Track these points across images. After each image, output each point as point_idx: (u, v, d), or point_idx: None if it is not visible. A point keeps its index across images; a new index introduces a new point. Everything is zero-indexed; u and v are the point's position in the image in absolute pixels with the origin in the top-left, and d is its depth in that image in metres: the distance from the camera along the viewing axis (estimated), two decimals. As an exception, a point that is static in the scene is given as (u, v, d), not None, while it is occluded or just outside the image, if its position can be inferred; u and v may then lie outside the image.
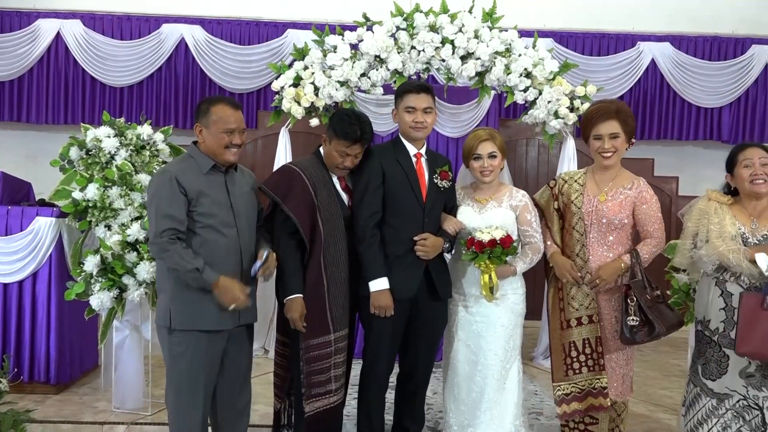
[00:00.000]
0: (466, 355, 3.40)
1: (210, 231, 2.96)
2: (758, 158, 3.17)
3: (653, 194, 3.38)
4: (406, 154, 3.36)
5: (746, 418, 3.14)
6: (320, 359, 3.17)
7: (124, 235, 4.14)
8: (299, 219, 3.13)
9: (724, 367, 3.19)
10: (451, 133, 6.46)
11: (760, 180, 3.15)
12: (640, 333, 3.22)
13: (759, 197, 3.19)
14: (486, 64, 5.30)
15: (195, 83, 7.64)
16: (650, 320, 3.20)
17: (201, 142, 3.06)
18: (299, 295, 3.15)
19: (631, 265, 3.29)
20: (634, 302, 3.22)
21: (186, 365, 2.96)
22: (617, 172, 3.44)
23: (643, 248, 3.32)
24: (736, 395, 3.16)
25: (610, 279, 3.30)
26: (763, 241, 3.12)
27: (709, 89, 7.77)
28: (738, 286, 3.14)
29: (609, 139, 3.34)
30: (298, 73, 5.34)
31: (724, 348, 3.18)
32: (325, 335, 3.17)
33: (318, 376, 3.18)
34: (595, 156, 3.41)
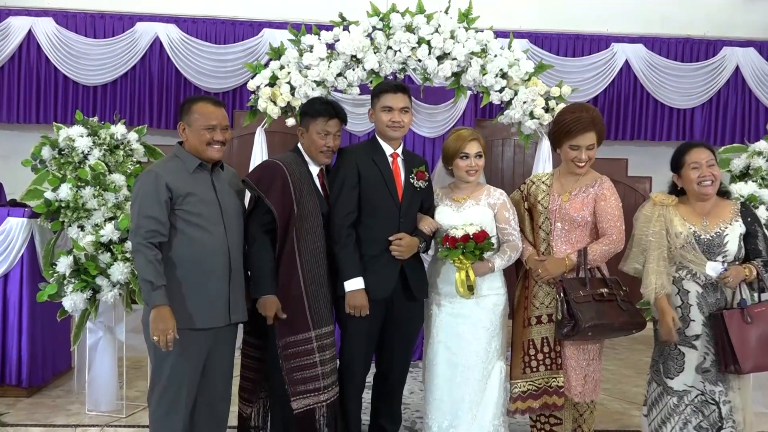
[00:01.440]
0: (446, 357, 3.40)
1: (197, 229, 2.96)
2: (705, 160, 3.23)
3: (614, 193, 3.39)
4: (382, 154, 3.37)
5: (705, 413, 3.21)
6: (299, 356, 3.16)
7: (98, 236, 4.10)
8: (280, 214, 3.13)
9: (681, 364, 3.25)
10: (428, 133, 6.47)
11: (708, 181, 3.23)
12: (566, 328, 3.21)
13: (706, 198, 3.27)
14: (462, 64, 5.32)
15: (170, 82, 7.56)
16: (575, 316, 3.18)
17: (185, 141, 3.09)
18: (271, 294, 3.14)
19: (576, 262, 3.31)
20: (561, 297, 3.23)
21: (171, 364, 2.95)
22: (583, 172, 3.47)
23: (593, 247, 3.32)
24: (695, 391, 3.22)
25: (553, 273, 3.32)
26: (715, 238, 3.20)
27: (682, 90, 7.87)
28: (695, 283, 3.22)
29: (586, 150, 3.36)
30: (274, 72, 5.31)
31: (679, 346, 3.25)
32: (304, 332, 3.16)
33: (300, 372, 3.17)
34: (568, 164, 3.43)
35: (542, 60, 6.08)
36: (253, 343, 3.43)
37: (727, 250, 3.20)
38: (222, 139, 3.06)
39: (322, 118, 3.29)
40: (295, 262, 3.16)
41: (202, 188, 3.03)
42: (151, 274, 2.84)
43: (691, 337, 3.23)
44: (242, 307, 3.14)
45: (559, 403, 3.34)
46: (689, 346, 3.23)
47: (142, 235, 2.88)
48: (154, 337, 2.85)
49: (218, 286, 3.01)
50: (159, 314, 2.84)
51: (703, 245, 3.21)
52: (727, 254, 3.20)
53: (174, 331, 2.85)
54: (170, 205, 2.93)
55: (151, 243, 2.88)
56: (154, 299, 2.85)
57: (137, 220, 2.92)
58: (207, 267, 2.96)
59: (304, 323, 3.17)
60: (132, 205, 3.01)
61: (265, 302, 3.14)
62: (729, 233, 3.21)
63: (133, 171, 4.68)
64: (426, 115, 6.41)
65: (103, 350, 4.34)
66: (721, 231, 3.22)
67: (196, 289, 2.96)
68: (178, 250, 2.95)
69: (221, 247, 3.01)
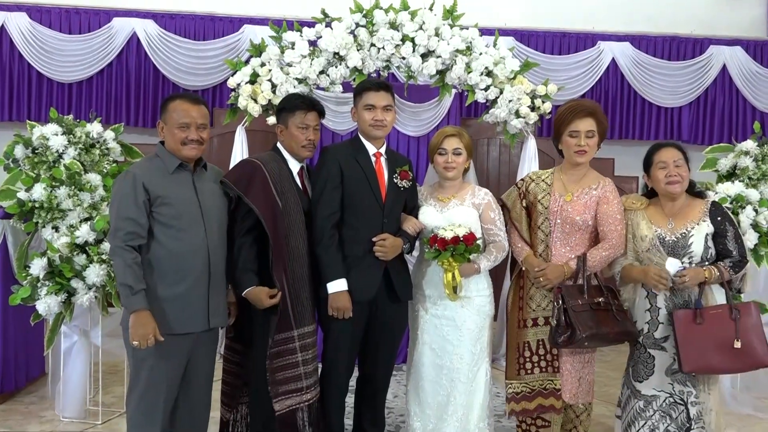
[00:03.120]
0: (431, 359, 3.42)
1: (175, 231, 2.95)
2: (672, 160, 3.27)
3: (617, 196, 3.41)
4: (365, 153, 3.37)
5: (672, 415, 3.24)
6: (281, 355, 3.16)
7: (73, 237, 4.07)
8: (264, 211, 3.13)
9: (651, 368, 3.28)
10: (412, 132, 6.48)
11: (674, 181, 3.26)
12: (562, 337, 3.22)
13: (674, 198, 3.31)
14: (447, 62, 5.34)
15: (147, 79, 7.52)
16: (572, 324, 3.19)
17: (164, 140, 3.08)
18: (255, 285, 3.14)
19: (576, 269, 3.33)
20: (559, 305, 3.25)
21: (150, 369, 2.93)
22: (585, 172, 3.48)
23: (593, 252, 3.33)
24: (663, 395, 3.25)
25: (553, 280, 3.33)
26: (680, 239, 3.23)
27: (669, 89, 7.94)
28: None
29: (585, 136, 3.38)
30: (255, 69, 5.31)
31: (649, 349, 3.29)
32: (286, 331, 3.16)
33: (282, 372, 3.16)
34: (569, 153, 3.44)
35: (528, 58, 6.11)
36: (236, 349, 3.43)
37: (692, 251, 3.22)
38: (197, 137, 3.04)
39: (300, 112, 3.31)
40: (281, 259, 3.15)
41: (182, 189, 3.02)
42: (130, 277, 2.83)
43: (659, 339, 3.26)
44: (222, 311, 3.13)
45: (557, 405, 3.35)
46: (659, 348, 3.27)
47: (121, 237, 2.87)
48: (134, 342, 2.84)
49: (197, 289, 2.99)
50: (139, 319, 2.83)
51: (667, 247, 3.24)
52: (693, 255, 3.23)
53: (155, 335, 2.84)
54: (148, 206, 2.92)
55: (130, 245, 2.87)
56: (133, 304, 2.83)
57: (115, 222, 2.91)
58: (185, 270, 2.95)
59: (286, 322, 3.16)
60: (110, 208, 3.00)
61: (251, 293, 3.13)
62: (694, 234, 3.24)
63: (109, 170, 4.65)
64: (410, 114, 6.43)
65: (77, 355, 4.31)
66: (686, 232, 3.25)
67: (174, 292, 2.95)
68: (156, 253, 2.94)
69: (200, 249, 3.00)
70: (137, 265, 2.86)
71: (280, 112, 3.40)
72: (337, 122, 6.26)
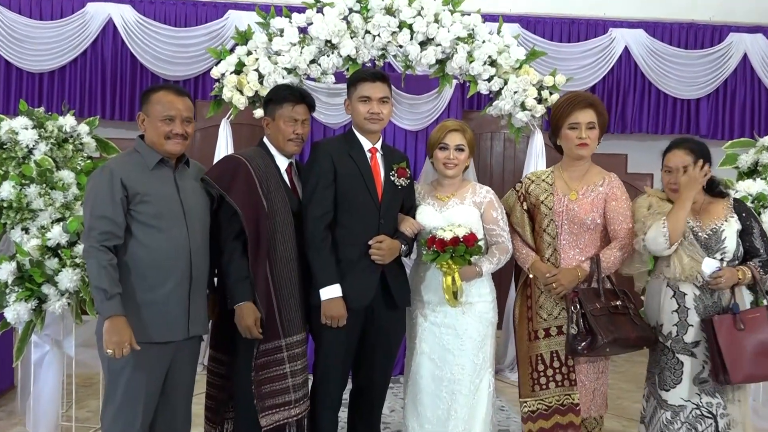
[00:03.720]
0: (430, 370, 3.42)
1: (154, 231, 2.95)
2: (682, 166, 3.29)
3: (625, 191, 3.44)
4: (359, 149, 3.37)
5: (699, 429, 3.24)
6: (268, 367, 3.16)
7: (44, 239, 4.06)
8: (244, 212, 3.13)
9: (679, 375, 3.28)
10: (410, 126, 6.49)
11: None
12: (582, 344, 3.22)
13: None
14: (447, 50, 5.34)
15: (124, 69, 7.52)
16: (593, 330, 3.20)
17: (144, 134, 3.09)
18: (249, 301, 3.14)
19: (590, 272, 3.34)
20: (577, 310, 3.25)
21: (126, 381, 2.93)
22: (587, 168, 3.50)
23: (606, 253, 3.35)
24: (690, 405, 3.26)
25: (567, 286, 3.34)
26: (712, 235, 3.26)
27: (686, 79, 7.96)
28: (691, 285, 3.26)
29: (586, 128, 3.39)
30: (241, 58, 5.31)
31: (677, 354, 3.28)
32: (273, 340, 3.16)
33: (269, 385, 3.16)
34: (569, 147, 3.45)
35: (534, 46, 6.12)
36: (219, 359, 3.42)
37: (726, 247, 3.26)
38: (182, 132, 3.05)
39: (289, 104, 3.32)
40: (265, 264, 3.15)
41: (162, 186, 3.02)
42: (105, 280, 2.82)
43: (689, 344, 3.27)
44: (203, 319, 3.13)
45: (576, 422, 3.36)
46: (688, 353, 3.27)
47: (95, 237, 2.86)
48: (108, 350, 2.83)
49: (177, 294, 2.99)
50: (113, 325, 2.82)
51: (701, 243, 3.26)
52: (726, 252, 3.26)
53: (131, 343, 2.83)
54: (126, 204, 2.92)
55: (105, 246, 2.86)
56: (108, 309, 2.82)
57: (89, 221, 2.90)
58: (165, 273, 2.95)
59: (273, 331, 3.16)
60: (84, 205, 3.00)
61: (241, 310, 3.13)
62: (726, 229, 3.28)
63: (83, 167, 4.65)
64: (407, 107, 6.43)
65: (49, 366, 4.29)
66: (717, 227, 3.28)
67: (152, 297, 2.94)
68: (133, 254, 2.93)
69: (182, 251, 3.00)
70: (113, 267, 2.85)
71: (268, 104, 3.42)
72: (329, 115, 6.27)
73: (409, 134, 6.52)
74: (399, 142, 6.40)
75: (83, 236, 2.96)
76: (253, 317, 3.12)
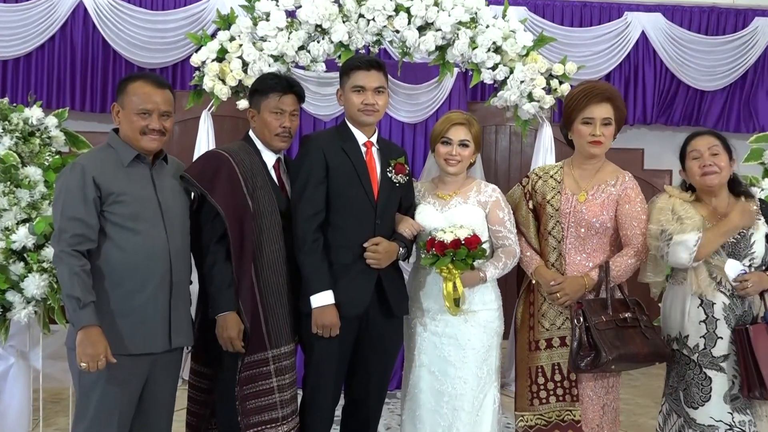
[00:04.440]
0: (430, 384, 3.43)
1: (131, 234, 2.96)
2: (707, 147, 3.30)
3: (639, 192, 3.43)
4: (353, 143, 3.38)
5: None
6: (254, 381, 3.16)
7: (8, 242, 4.06)
8: (227, 213, 3.14)
9: (707, 392, 3.28)
10: (407, 118, 6.49)
11: (710, 171, 3.29)
12: (585, 360, 3.22)
13: (711, 191, 3.33)
14: (447, 36, 5.35)
15: (96, 56, 7.50)
16: (596, 346, 3.20)
17: (119, 127, 3.09)
18: (232, 310, 3.14)
19: (598, 281, 3.34)
20: (580, 323, 3.25)
21: (99, 396, 2.93)
22: (600, 165, 3.50)
23: (617, 260, 3.36)
24: (723, 426, 3.25)
25: (573, 296, 3.34)
26: (741, 239, 3.27)
27: (707, 68, 7.96)
28: (720, 293, 3.26)
29: (601, 125, 3.39)
30: (223, 45, 5.30)
31: (705, 369, 3.28)
32: (259, 352, 3.17)
33: (254, 401, 3.17)
34: (581, 144, 3.46)
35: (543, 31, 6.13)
36: (201, 372, 3.43)
37: (755, 251, 3.28)
38: (159, 127, 3.05)
39: (275, 94, 3.32)
40: (250, 269, 3.16)
41: (138, 184, 3.03)
42: (78, 288, 2.82)
43: (718, 358, 3.27)
44: (186, 328, 3.13)
45: None
46: (716, 368, 3.27)
47: (66, 240, 2.86)
48: (81, 364, 2.83)
49: (156, 302, 2.99)
50: (88, 336, 2.82)
51: (727, 248, 3.28)
52: (755, 256, 3.28)
53: (107, 355, 2.83)
54: (99, 204, 2.92)
55: (77, 250, 2.86)
56: (81, 318, 2.83)
57: (60, 223, 2.91)
58: (142, 279, 2.95)
59: (259, 342, 3.17)
60: (54, 206, 3.00)
61: (224, 320, 3.13)
62: (754, 233, 3.29)
63: (51, 163, 4.64)
64: (405, 97, 6.43)
65: (14, 380, 4.29)
66: (745, 231, 3.29)
67: (129, 305, 2.95)
68: (108, 259, 2.94)
69: (161, 255, 3.00)
70: (86, 273, 2.85)
71: (253, 95, 3.43)
72: (319, 106, 6.26)
73: (406, 127, 6.51)
74: (396, 136, 6.40)
75: (53, 240, 2.96)
76: (237, 329, 3.13)
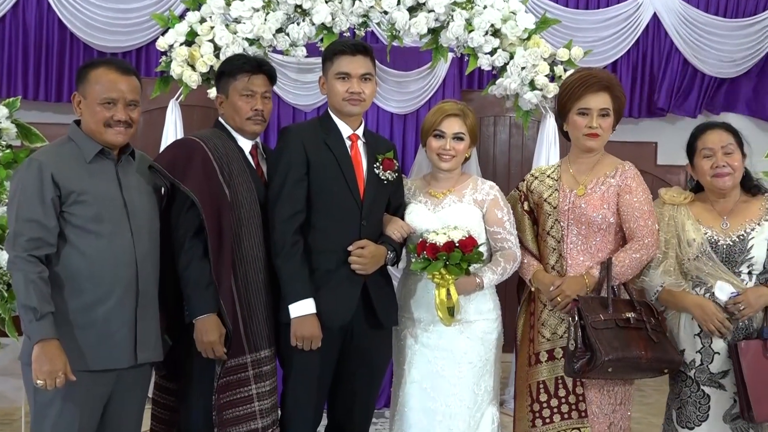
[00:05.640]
0: (421, 402, 3.42)
1: (93, 238, 2.95)
2: (720, 146, 3.31)
3: (641, 182, 3.44)
4: (337, 136, 3.38)
5: None
6: (231, 388, 3.17)
7: (-45, 245, 4.05)
8: (203, 203, 3.14)
9: (705, 410, 3.29)
10: (397, 109, 6.50)
11: (723, 172, 3.29)
12: (581, 361, 3.20)
13: (723, 193, 3.34)
14: (441, 18, 5.35)
15: (51, 39, 7.48)
16: (592, 346, 3.17)
17: (81, 119, 3.08)
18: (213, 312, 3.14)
19: (599, 279, 3.35)
20: (575, 321, 3.23)
21: (56, 416, 2.91)
22: (598, 158, 3.51)
23: (620, 255, 3.35)
24: None
25: (573, 296, 3.34)
26: (737, 243, 3.26)
27: (725, 54, 8.01)
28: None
29: (598, 116, 3.40)
30: (193, 27, 5.29)
31: (703, 386, 3.29)
32: (237, 357, 3.17)
33: (232, 410, 3.17)
34: (576, 136, 3.47)
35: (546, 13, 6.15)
36: (167, 387, 3.42)
37: (753, 257, 3.26)
38: (125, 118, 3.04)
39: (243, 75, 3.33)
40: (229, 265, 3.16)
41: (103, 183, 3.02)
42: (35, 297, 2.81)
43: (717, 375, 3.28)
44: (154, 342, 3.12)
45: None
46: (715, 385, 3.28)
47: (22, 245, 2.85)
48: (38, 381, 2.82)
49: (121, 313, 2.98)
50: (45, 351, 2.81)
51: (722, 253, 3.27)
52: (754, 262, 3.27)
53: (66, 372, 2.82)
54: (58, 205, 2.91)
55: (34, 256, 2.85)
56: (38, 331, 2.82)
57: (15, 226, 2.89)
58: (105, 287, 2.94)
59: (237, 345, 3.17)
60: (8, 207, 2.99)
61: (203, 324, 3.13)
62: (755, 236, 3.27)
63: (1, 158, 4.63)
64: (394, 85, 6.45)
65: (-39, 399, 4.28)
66: (745, 234, 3.28)
67: (91, 317, 2.93)
68: (67, 265, 2.93)
69: (126, 260, 3.00)
70: (43, 281, 2.84)
71: (220, 79, 3.44)
72: (299, 95, 6.26)
73: (396, 118, 6.53)
74: (384, 128, 6.41)
75: (7, 244, 2.94)
76: (218, 332, 3.13)
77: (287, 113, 6.22)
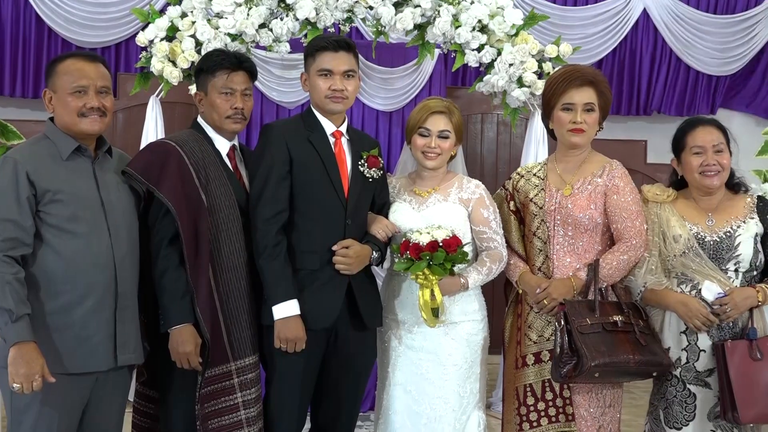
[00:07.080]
0: (406, 404, 3.43)
1: (69, 238, 2.94)
2: (711, 144, 3.31)
3: (629, 182, 3.44)
4: (320, 133, 3.38)
5: None
6: (215, 397, 3.16)
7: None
8: (179, 209, 3.12)
9: (691, 410, 3.31)
10: (382, 106, 6.50)
11: (713, 171, 3.31)
12: (567, 366, 3.20)
13: (710, 192, 3.36)
14: (428, 13, 5.36)
15: (28, 34, 7.45)
16: (579, 351, 3.17)
17: (55, 116, 3.07)
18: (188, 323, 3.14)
19: (587, 281, 3.36)
20: (561, 326, 3.24)
21: (33, 421, 2.91)
22: (585, 156, 3.52)
23: (607, 257, 3.36)
24: None
25: (559, 299, 3.35)
26: (724, 239, 3.28)
27: (716, 51, 8.04)
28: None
29: (582, 111, 3.41)
30: (174, 22, 5.28)
31: (689, 385, 3.31)
32: (221, 365, 3.17)
33: (217, 419, 3.17)
34: (561, 133, 3.48)
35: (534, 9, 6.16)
36: (147, 395, 3.42)
37: (740, 254, 3.28)
38: (98, 104, 3.03)
39: (223, 72, 3.32)
40: (208, 273, 3.16)
41: (79, 181, 3.01)
42: (10, 299, 2.80)
43: (703, 373, 3.29)
44: (134, 343, 3.11)
45: None
46: (701, 384, 3.30)
47: None
48: (14, 384, 2.81)
49: (99, 314, 2.98)
50: (21, 354, 2.80)
51: (709, 249, 3.29)
52: (741, 260, 3.28)
53: (44, 374, 2.81)
54: (34, 204, 2.90)
55: (10, 256, 2.84)
56: (14, 334, 2.81)
57: None
58: (83, 289, 2.93)
59: (220, 353, 3.17)
60: None
61: (179, 334, 3.12)
62: (742, 233, 3.29)
63: (-24, 156, 4.61)
64: (379, 82, 6.45)
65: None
66: (732, 230, 3.30)
67: (69, 318, 2.93)
68: (43, 266, 2.92)
69: (104, 261, 2.99)
70: (19, 283, 2.83)
71: (199, 75, 3.43)
72: (283, 92, 6.25)
73: (381, 115, 6.53)
74: (369, 125, 6.41)
75: None
76: (194, 343, 3.12)
77: (271, 110, 6.21)
